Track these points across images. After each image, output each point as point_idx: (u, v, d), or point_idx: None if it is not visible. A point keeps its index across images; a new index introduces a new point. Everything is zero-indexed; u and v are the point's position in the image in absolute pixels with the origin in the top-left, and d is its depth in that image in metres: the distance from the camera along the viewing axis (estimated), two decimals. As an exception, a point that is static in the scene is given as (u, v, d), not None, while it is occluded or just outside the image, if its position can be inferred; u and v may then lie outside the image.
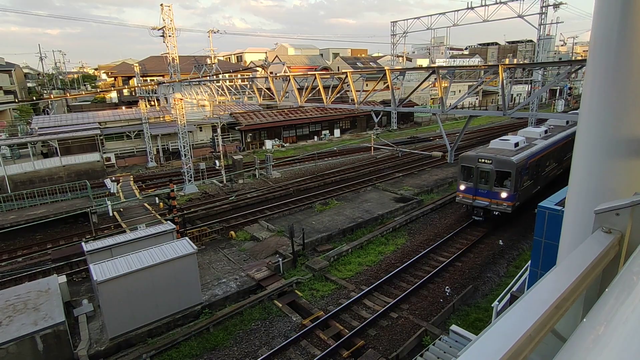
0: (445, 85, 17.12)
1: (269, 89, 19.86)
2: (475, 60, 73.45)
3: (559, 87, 64.65)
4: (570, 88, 66.98)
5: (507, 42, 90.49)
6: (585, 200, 1.80)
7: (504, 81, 12.83)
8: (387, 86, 15.50)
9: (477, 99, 65.95)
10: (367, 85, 35.24)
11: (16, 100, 45.43)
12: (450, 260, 16.42)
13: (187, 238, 14.07)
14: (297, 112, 44.91)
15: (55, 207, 21.71)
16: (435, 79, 13.68)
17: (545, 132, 22.78)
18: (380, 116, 21.56)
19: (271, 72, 39.93)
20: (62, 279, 13.78)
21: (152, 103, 42.65)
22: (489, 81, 57.34)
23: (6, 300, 11.78)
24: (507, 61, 63.77)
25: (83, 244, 14.32)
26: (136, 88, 44.43)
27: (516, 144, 19.57)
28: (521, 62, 62.38)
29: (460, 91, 59.79)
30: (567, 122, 25.14)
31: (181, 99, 27.04)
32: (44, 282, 12.91)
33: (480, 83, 19.76)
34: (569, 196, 1.93)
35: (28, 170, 28.79)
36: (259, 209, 23.81)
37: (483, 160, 18.43)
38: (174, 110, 27.95)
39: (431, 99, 60.43)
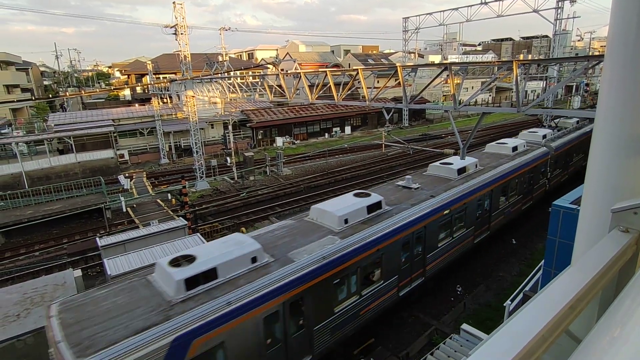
0: (458, 81, 16.75)
1: (280, 86, 19.89)
2: (489, 57, 72.35)
3: (575, 84, 63.33)
4: (587, 84, 65.54)
5: (522, 37, 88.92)
6: (602, 199, 1.76)
7: (518, 77, 12.63)
8: (399, 83, 15.38)
9: (490, 95, 65.00)
10: (378, 82, 35.00)
11: (33, 98, 46.44)
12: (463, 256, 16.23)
13: (198, 234, 14.24)
14: (308, 109, 44.90)
15: (70, 203, 22.17)
16: (447, 75, 13.53)
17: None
18: (391, 113, 21.05)
19: (282, 69, 40.00)
20: (78, 273, 14.04)
21: (165, 100, 43.12)
22: (503, 77, 56.47)
23: (24, 293, 12.07)
24: (521, 57, 62.66)
25: (97, 239, 14.60)
26: (149, 86, 44.95)
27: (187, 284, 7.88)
28: (536, 58, 61.24)
29: (473, 88, 58.98)
30: (573, 124, 24.17)
31: (193, 97, 27.28)
32: (60, 276, 13.19)
33: (493, 79, 19.31)
34: (585, 194, 1.89)
35: (44, 167, 29.44)
36: (270, 206, 23.94)
37: None
38: (186, 107, 28.22)
39: (443, 95, 59.78)
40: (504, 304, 10.67)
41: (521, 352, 0.89)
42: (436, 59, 64.77)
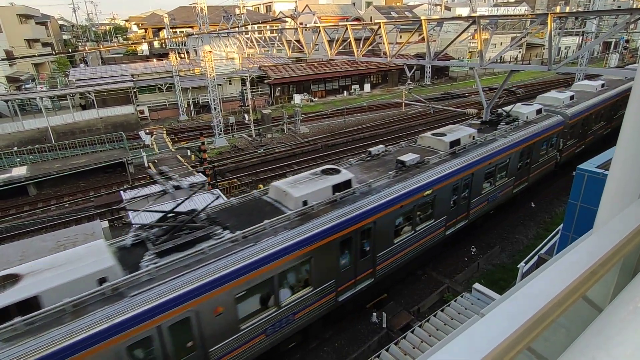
0: (486, 37, 15.64)
1: (298, 41, 19.25)
2: (522, 9, 67.48)
3: (614, 40, 58.99)
4: (627, 41, 60.84)
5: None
6: (634, 163, 1.67)
7: (552, 32, 11.82)
8: (423, 38, 14.65)
9: (520, 52, 61.45)
10: (400, 37, 33.44)
11: (53, 53, 46.59)
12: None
13: (217, 190, 14.57)
14: (327, 66, 43.66)
15: (95, 157, 22.88)
16: (475, 30, 12.77)
17: None
18: (413, 70, 20.05)
19: (301, 23, 38.52)
20: (105, 224, 14.76)
21: (182, 56, 42.61)
22: (535, 32, 52.90)
23: (57, 241, 12.84)
24: (558, 9, 58.12)
25: (122, 192, 15.15)
26: (166, 40, 44.29)
27: None
28: (574, 11, 56.82)
29: (502, 44, 55.77)
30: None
31: (210, 52, 26.79)
32: (89, 226, 13.89)
33: (525, 35, 18.00)
34: (616, 158, 1.80)
35: (69, 122, 30.12)
36: (287, 164, 24.10)
37: None
38: (203, 63, 27.84)
39: (469, 52, 56.86)
40: (518, 266, 10.74)
41: (537, 313, 0.89)
42: (464, 11, 60.91)
